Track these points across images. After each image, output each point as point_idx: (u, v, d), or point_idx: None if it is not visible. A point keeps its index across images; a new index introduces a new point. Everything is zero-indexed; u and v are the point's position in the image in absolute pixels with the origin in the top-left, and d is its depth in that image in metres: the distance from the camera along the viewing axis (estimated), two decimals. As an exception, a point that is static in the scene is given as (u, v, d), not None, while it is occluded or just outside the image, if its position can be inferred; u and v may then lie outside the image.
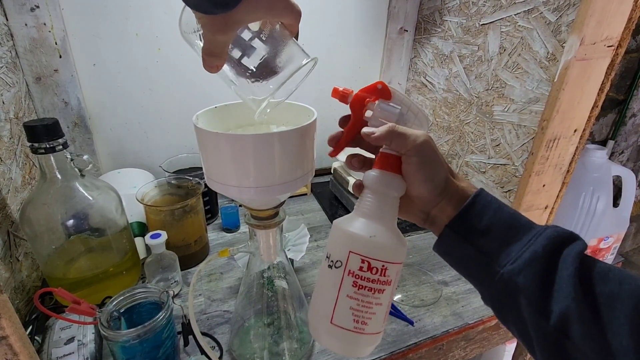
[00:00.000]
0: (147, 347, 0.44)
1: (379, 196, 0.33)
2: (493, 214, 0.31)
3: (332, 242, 0.33)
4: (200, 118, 0.40)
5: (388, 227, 0.32)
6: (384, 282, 0.31)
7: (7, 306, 0.32)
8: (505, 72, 0.71)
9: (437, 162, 0.33)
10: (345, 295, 0.31)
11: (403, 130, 0.32)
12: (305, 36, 0.90)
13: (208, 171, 0.39)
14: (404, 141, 0.32)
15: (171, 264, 0.61)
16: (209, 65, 0.33)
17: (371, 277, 0.30)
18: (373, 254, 0.30)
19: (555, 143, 0.62)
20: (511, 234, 0.31)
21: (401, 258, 0.32)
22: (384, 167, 0.33)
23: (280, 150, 0.36)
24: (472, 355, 0.64)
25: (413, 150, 0.32)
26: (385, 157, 0.33)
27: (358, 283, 0.30)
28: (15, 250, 0.56)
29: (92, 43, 0.75)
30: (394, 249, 0.31)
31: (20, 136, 0.63)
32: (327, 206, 0.93)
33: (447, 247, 0.34)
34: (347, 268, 0.31)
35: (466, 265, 0.34)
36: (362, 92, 0.36)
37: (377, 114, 0.34)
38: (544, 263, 0.29)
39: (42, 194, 0.52)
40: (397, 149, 0.32)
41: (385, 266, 0.30)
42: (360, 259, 0.30)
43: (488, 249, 0.31)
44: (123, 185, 0.71)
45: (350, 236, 0.31)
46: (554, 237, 0.29)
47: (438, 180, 0.33)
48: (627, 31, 0.55)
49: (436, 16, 0.89)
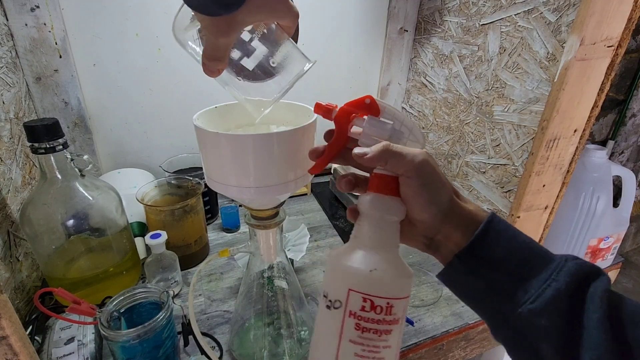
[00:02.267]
0: (147, 347, 0.44)
1: (376, 223, 0.30)
2: (507, 244, 0.28)
3: (328, 279, 0.30)
4: (201, 118, 0.40)
5: (390, 257, 0.29)
6: (391, 321, 0.27)
7: (7, 306, 0.32)
8: (505, 72, 0.71)
9: (439, 183, 0.30)
10: (348, 341, 0.27)
11: (399, 149, 0.29)
12: (306, 36, 0.90)
13: (208, 171, 0.39)
14: (400, 161, 0.29)
15: (171, 264, 0.61)
16: (210, 70, 0.33)
17: (376, 318, 0.27)
18: (375, 291, 0.27)
19: (555, 143, 0.62)
20: (528, 267, 0.28)
21: (407, 291, 0.29)
22: (379, 189, 0.30)
23: (280, 150, 0.36)
24: (472, 355, 0.64)
25: (412, 172, 0.29)
26: (380, 178, 0.30)
27: (361, 325, 0.27)
28: (15, 250, 0.56)
29: (92, 43, 0.75)
30: (399, 283, 0.28)
31: (20, 136, 0.63)
32: (327, 206, 0.93)
33: (455, 279, 0.31)
34: (348, 308, 0.27)
35: (477, 300, 0.31)
36: (347, 107, 0.33)
37: (368, 132, 0.31)
38: (568, 303, 0.26)
39: (42, 194, 0.52)
40: (393, 170, 0.30)
41: (390, 303, 0.27)
42: (362, 298, 0.27)
43: (502, 285, 0.28)
44: (123, 185, 0.71)
45: (348, 272, 0.28)
46: (577, 272, 0.26)
47: (441, 204, 0.30)
48: (627, 31, 0.55)
49: (436, 16, 0.89)
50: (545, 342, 0.26)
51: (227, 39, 0.31)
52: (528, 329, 0.27)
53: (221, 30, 0.30)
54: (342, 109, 0.33)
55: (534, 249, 0.29)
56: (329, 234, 0.82)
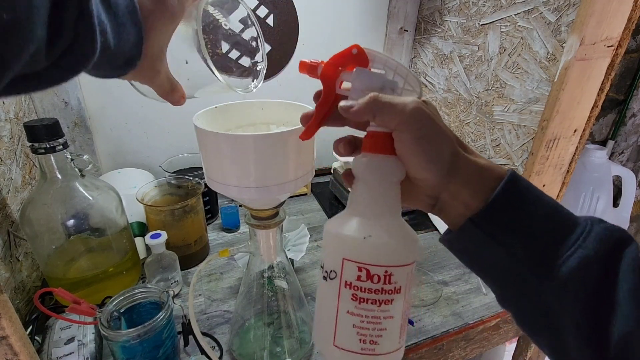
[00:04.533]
0: (147, 347, 0.44)
1: (372, 186, 0.27)
2: (531, 206, 0.25)
3: (324, 249, 0.28)
4: (201, 118, 0.40)
5: (388, 222, 0.27)
6: (391, 290, 0.25)
7: (7, 306, 0.32)
8: (505, 72, 0.71)
9: (439, 134, 0.26)
10: (346, 312, 0.26)
11: (388, 99, 0.26)
12: (306, 36, 0.90)
13: (208, 171, 0.39)
14: (390, 113, 0.25)
15: (171, 264, 0.61)
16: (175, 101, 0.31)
17: (373, 287, 0.25)
18: (370, 259, 0.25)
19: (555, 143, 0.62)
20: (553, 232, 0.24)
21: (410, 258, 0.26)
22: (373, 149, 0.27)
23: (280, 150, 0.36)
24: (472, 355, 0.64)
25: (403, 124, 0.25)
26: (373, 136, 0.27)
27: (358, 296, 0.25)
28: (15, 250, 0.56)
29: (92, 43, 0.75)
30: (398, 249, 0.26)
31: (21, 136, 0.63)
32: (327, 206, 0.93)
33: (466, 246, 0.28)
34: (343, 279, 0.26)
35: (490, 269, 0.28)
36: (334, 60, 0.29)
37: (357, 85, 0.28)
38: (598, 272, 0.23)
39: (42, 194, 0.52)
40: (383, 124, 0.26)
41: (389, 272, 0.25)
42: (357, 267, 0.25)
43: (523, 252, 0.25)
44: (123, 185, 0.71)
45: (341, 239, 0.26)
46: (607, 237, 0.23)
47: (443, 158, 0.26)
48: (627, 31, 0.55)
49: (436, 16, 0.89)
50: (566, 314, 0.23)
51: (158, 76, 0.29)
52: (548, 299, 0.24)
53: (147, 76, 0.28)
54: (327, 63, 0.29)
55: (560, 211, 0.25)
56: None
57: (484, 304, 0.64)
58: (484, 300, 0.64)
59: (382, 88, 0.28)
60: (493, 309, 0.63)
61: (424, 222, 0.86)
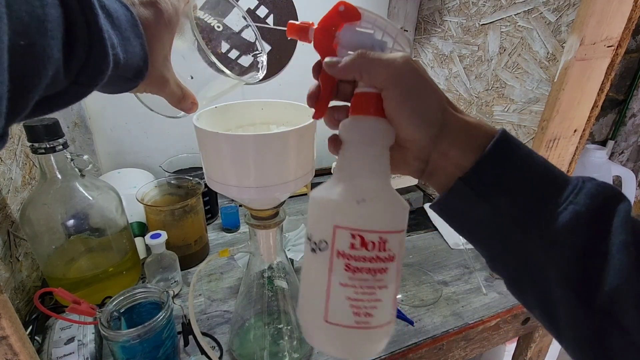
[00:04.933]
0: (147, 347, 0.44)
1: (362, 150, 0.26)
2: (522, 164, 0.24)
3: (311, 219, 0.26)
4: (201, 118, 0.40)
5: (381, 186, 0.25)
6: (385, 258, 0.24)
7: (7, 306, 0.32)
8: (505, 72, 0.71)
9: (426, 90, 0.25)
10: (338, 284, 0.24)
11: (375, 56, 0.25)
12: (305, 36, 0.90)
13: (208, 171, 0.39)
14: (378, 69, 0.25)
15: (171, 264, 0.61)
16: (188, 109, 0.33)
17: (367, 255, 0.24)
18: (365, 225, 0.24)
19: (555, 143, 0.62)
20: (543, 190, 0.24)
21: (403, 224, 0.25)
22: (361, 111, 0.26)
23: (280, 150, 0.36)
24: (472, 355, 0.64)
25: (390, 79, 0.25)
26: (361, 97, 0.26)
27: (352, 265, 0.24)
28: (15, 250, 0.56)
29: (92, 43, 0.75)
30: (392, 214, 0.25)
31: (20, 136, 0.63)
32: (327, 206, 0.92)
33: (455, 206, 0.27)
34: (335, 248, 0.24)
35: (478, 229, 0.27)
36: (323, 23, 0.28)
37: (345, 43, 0.27)
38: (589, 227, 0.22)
39: (42, 194, 0.52)
40: (371, 81, 0.25)
41: (383, 237, 0.24)
42: (350, 234, 0.23)
43: (513, 209, 0.24)
44: (123, 185, 0.71)
45: (332, 206, 0.25)
46: (598, 193, 0.23)
47: (431, 115, 0.25)
48: (627, 31, 0.55)
49: (436, 16, 0.89)
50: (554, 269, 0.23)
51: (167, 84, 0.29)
52: (538, 257, 0.24)
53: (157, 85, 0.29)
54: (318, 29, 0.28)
55: (551, 170, 0.25)
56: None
57: (484, 304, 0.64)
58: (484, 300, 0.64)
59: (371, 47, 0.27)
60: (493, 309, 0.63)
61: (424, 222, 0.86)
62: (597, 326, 0.22)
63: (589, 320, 0.22)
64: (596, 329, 0.22)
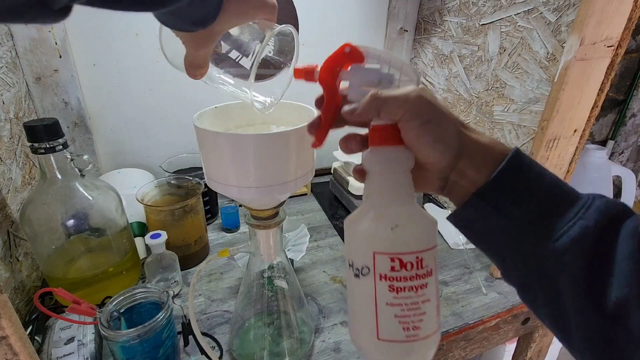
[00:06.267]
0: (147, 347, 0.44)
1: (387, 177, 0.28)
2: (533, 180, 0.26)
3: (350, 246, 0.29)
4: (201, 118, 0.40)
5: (407, 210, 0.27)
6: (424, 274, 0.26)
7: (7, 306, 0.32)
8: (505, 72, 0.71)
9: (441, 118, 0.27)
10: (385, 304, 0.26)
11: (388, 94, 0.27)
12: (306, 36, 0.90)
13: (208, 171, 0.39)
14: (393, 106, 0.27)
15: (171, 264, 0.61)
16: (193, 75, 0.34)
17: (408, 275, 0.26)
18: (401, 248, 0.26)
19: (555, 143, 0.62)
20: (554, 204, 0.26)
21: (434, 240, 0.27)
22: (381, 142, 0.28)
23: (280, 150, 0.36)
24: (472, 355, 0.64)
25: (407, 113, 0.26)
26: (378, 130, 0.28)
27: (395, 286, 0.26)
28: (15, 250, 0.56)
29: (92, 43, 0.75)
30: (424, 234, 0.27)
31: (20, 136, 0.63)
32: (327, 206, 0.93)
33: (471, 218, 0.29)
34: (377, 272, 0.26)
35: (493, 240, 0.28)
36: (329, 62, 0.30)
37: (354, 82, 0.29)
38: (597, 240, 0.24)
39: (42, 194, 0.52)
40: (388, 117, 0.27)
41: (420, 257, 0.26)
42: (389, 258, 0.26)
43: (525, 222, 0.26)
44: (123, 185, 0.71)
45: (369, 234, 0.27)
46: (607, 210, 0.25)
47: (449, 139, 0.27)
48: (627, 31, 0.55)
49: (436, 16, 0.89)
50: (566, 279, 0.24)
51: (206, 49, 0.31)
52: (549, 266, 0.25)
53: (200, 43, 0.30)
54: (323, 68, 0.30)
55: (562, 186, 0.27)
56: (329, 234, 0.82)
57: (484, 304, 0.64)
58: (484, 300, 0.64)
59: (379, 82, 0.29)
60: (493, 309, 0.63)
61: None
62: (607, 331, 0.23)
63: (599, 326, 0.23)
64: (606, 333, 0.23)
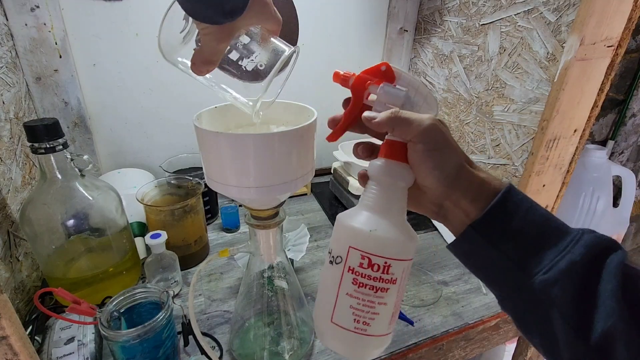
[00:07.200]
0: (147, 347, 0.44)
1: (383, 187, 0.31)
2: (524, 215, 0.28)
3: (334, 237, 0.32)
4: (201, 118, 0.40)
5: (393, 220, 0.30)
6: (387, 280, 0.29)
7: (7, 306, 0.32)
8: (505, 72, 0.71)
9: (447, 149, 0.30)
10: (345, 293, 0.29)
11: (407, 115, 0.30)
12: (306, 36, 0.90)
13: (208, 171, 0.39)
14: (407, 127, 0.29)
15: (171, 264, 0.61)
16: (200, 70, 0.34)
17: (372, 275, 0.28)
18: (373, 250, 0.28)
19: (555, 143, 0.62)
20: (544, 239, 0.28)
21: (408, 254, 0.30)
22: (389, 155, 0.31)
23: (280, 150, 0.36)
24: (472, 355, 0.64)
25: (418, 137, 0.29)
26: (390, 144, 0.31)
27: (358, 280, 0.29)
28: (15, 250, 0.56)
29: (92, 43, 0.75)
30: (398, 245, 0.29)
31: (20, 136, 0.63)
32: (327, 206, 0.93)
33: (467, 249, 0.31)
34: (347, 264, 0.29)
35: (488, 271, 0.31)
36: (364, 74, 0.33)
37: (382, 99, 0.32)
38: (583, 274, 0.26)
39: (42, 194, 0.52)
40: (400, 135, 0.30)
41: (388, 263, 0.28)
42: (360, 255, 0.29)
43: (516, 255, 0.28)
44: (123, 185, 0.71)
45: (350, 230, 0.30)
46: (594, 244, 0.26)
47: (448, 169, 0.30)
48: (627, 31, 0.55)
49: (436, 16, 0.89)
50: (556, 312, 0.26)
51: (226, 44, 0.32)
52: (539, 298, 0.27)
53: (222, 37, 0.31)
54: (358, 76, 0.33)
55: (552, 221, 0.28)
56: (329, 234, 0.82)
57: (484, 304, 0.64)
58: (484, 300, 0.64)
59: (403, 104, 0.32)
60: (493, 309, 0.63)
61: (424, 222, 0.86)
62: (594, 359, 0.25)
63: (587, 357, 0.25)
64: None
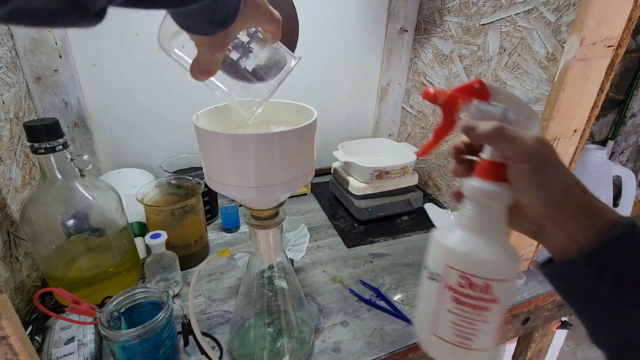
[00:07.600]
0: (147, 347, 0.44)
1: (480, 207, 0.30)
2: None
3: (430, 252, 0.32)
4: (201, 118, 0.40)
5: (492, 240, 0.29)
6: (489, 300, 0.28)
7: (7, 306, 0.32)
8: (505, 72, 0.71)
9: (554, 170, 0.28)
10: (445, 310, 0.29)
11: (511, 133, 0.28)
12: (306, 36, 0.90)
13: (208, 171, 0.39)
14: (512, 145, 0.27)
15: (171, 264, 0.61)
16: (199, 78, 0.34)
17: (473, 294, 0.28)
18: (472, 270, 0.28)
19: (555, 143, 0.62)
20: None
21: (509, 275, 0.29)
22: (486, 176, 0.30)
23: (280, 150, 0.36)
24: (472, 355, 0.64)
25: (523, 156, 0.27)
26: (488, 165, 0.30)
27: (458, 299, 0.29)
28: (15, 250, 0.56)
29: (92, 43, 0.75)
30: (498, 265, 0.28)
31: (20, 136, 0.63)
32: (327, 206, 0.93)
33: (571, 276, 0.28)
34: (446, 282, 0.29)
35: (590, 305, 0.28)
36: (455, 92, 0.32)
37: (475, 117, 0.30)
38: None
39: (42, 194, 0.52)
40: (503, 152, 0.28)
41: (489, 284, 0.28)
42: (459, 275, 0.28)
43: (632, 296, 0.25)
44: (123, 185, 0.71)
45: (447, 250, 0.30)
46: None
47: (554, 191, 0.28)
48: (627, 31, 0.55)
49: (436, 16, 0.89)
50: None
51: (221, 53, 0.32)
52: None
53: (217, 47, 0.31)
54: (450, 94, 0.32)
55: None
56: (329, 234, 0.82)
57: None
58: (484, 300, 0.64)
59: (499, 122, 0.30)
60: (493, 309, 0.63)
61: (424, 222, 0.86)
62: None
63: None
64: None
